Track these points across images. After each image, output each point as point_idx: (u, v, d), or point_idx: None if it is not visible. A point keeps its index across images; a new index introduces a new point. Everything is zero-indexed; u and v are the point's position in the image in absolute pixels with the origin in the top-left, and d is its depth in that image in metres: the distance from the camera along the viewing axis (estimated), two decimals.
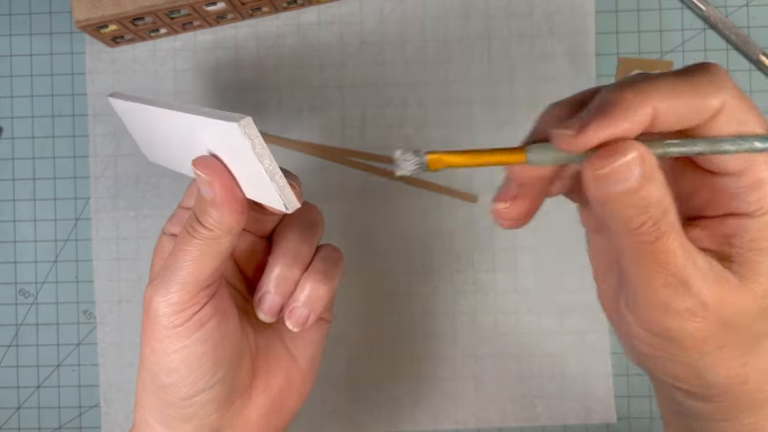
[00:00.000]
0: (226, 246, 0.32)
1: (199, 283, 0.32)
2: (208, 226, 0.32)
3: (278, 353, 0.37)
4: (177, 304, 0.32)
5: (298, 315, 0.35)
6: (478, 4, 0.50)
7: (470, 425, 0.50)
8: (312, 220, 0.37)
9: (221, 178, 0.31)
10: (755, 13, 0.50)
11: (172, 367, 0.33)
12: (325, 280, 0.35)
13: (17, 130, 0.51)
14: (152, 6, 0.44)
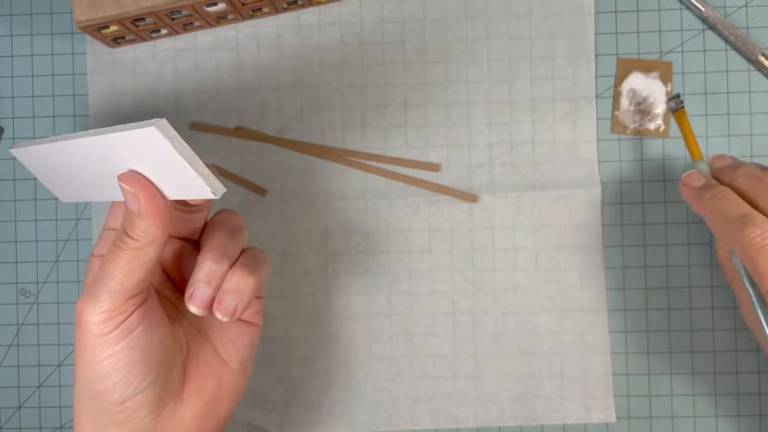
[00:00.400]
0: (152, 255, 0.35)
1: (128, 291, 0.35)
2: (135, 237, 0.34)
3: (209, 358, 0.39)
4: (106, 312, 0.34)
5: (227, 305, 0.36)
6: (478, 5, 0.50)
7: (470, 425, 0.50)
8: (236, 224, 0.39)
9: (144, 189, 0.34)
10: (754, 14, 0.50)
11: (104, 373, 0.35)
12: (251, 272, 0.37)
13: (18, 130, 0.51)
14: (153, 7, 0.45)
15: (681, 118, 0.49)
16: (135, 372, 0.35)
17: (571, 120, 0.50)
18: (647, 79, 0.50)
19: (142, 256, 0.34)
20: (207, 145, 0.51)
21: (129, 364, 0.35)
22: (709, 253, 0.50)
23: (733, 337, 0.50)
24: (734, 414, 0.50)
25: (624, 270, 0.50)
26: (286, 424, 0.51)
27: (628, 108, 0.50)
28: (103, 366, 0.35)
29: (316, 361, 0.51)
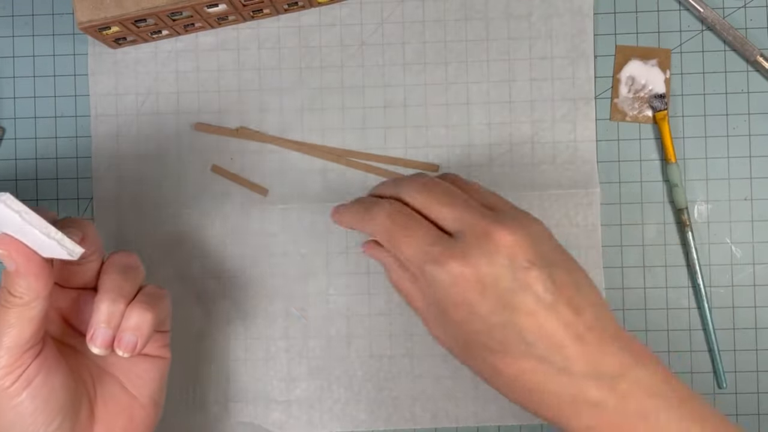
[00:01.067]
0: (38, 310, 0.36)
1: (21, 346, 0.36)
2: (18, 295, 0.36)
3: (118, 396, 0.41)
4: (4, 368, 0.36)
5: (126, 341, 0.38)
6: (478, 6, 0.50)
7: (470, 423, 0.50)
8: (130, 263, 0.41)
9: (17, 250, 0.35)
10: (753, 15, 0.50)
11: (9, 423, 0.37)
12: (149, 308, 0.39)
13: (20, 131, 0.52)
14: (154, 8, 0.45)
15: (662, 119, 0.49)
16: (40, 419, 0.37)
17: (570, 120, 0.50)
18: (646, 66, 0.50)
19: (29, 312, 0.36)
20: (208, 146, 0.51)
21: (33, 413, 0.37)
22: (708, 254, 0.50)
23: (731, 337, 0.50)
24: (733, 413, 0.50)
25: (623, 270, 0.50)
26: (286, 424, 0.51)
27: (627, 95, 0.50)
28: (8, 418, 0.37)
29: (317, 361, 0.51)
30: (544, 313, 0.36)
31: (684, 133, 0.50)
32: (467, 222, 0.38)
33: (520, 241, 0.37)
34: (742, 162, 0.50)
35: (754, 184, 0.50)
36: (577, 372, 0.36)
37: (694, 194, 0.50)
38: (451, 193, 0.39)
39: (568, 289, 0.37)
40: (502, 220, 0.37)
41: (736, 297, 0.50)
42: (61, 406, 0.38)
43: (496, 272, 0.36)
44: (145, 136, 0.51)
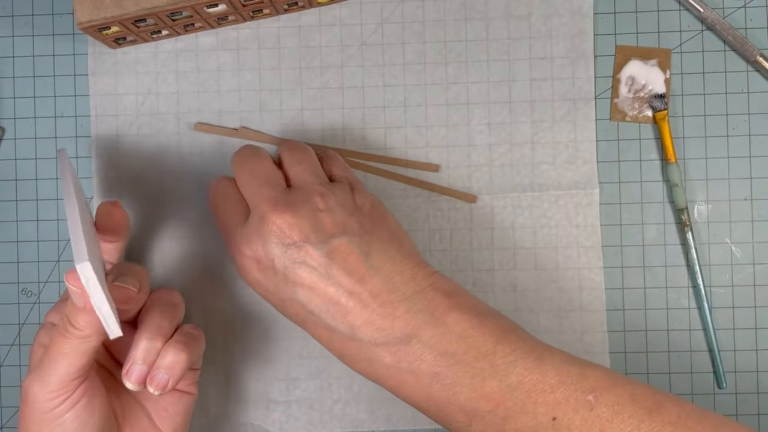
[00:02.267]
0: (94, 344, 0.38)
1: (71, 374, 0.38)
2: (79, 328, 0.37)
3: (144, 426, 0.43)
4: (53, 391, 0.38)
5: (159, 380, 0.40)
6: (477, 7, 0.50)
7: None
8: (172, 301, 0.43)
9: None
10: (753, 15, 0.50)
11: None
12: (184, 349, 0.40)
13: (20, 130, 0.52)
14: (154, 8, 0.45)
15: (662, 119, 0.49)
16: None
17: (570, 120, 0.50)
18: (646, 66, 0.50)
19: (85, 345, 0.38)
20: (208, 146, 0.51)
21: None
22: (708, 254, 0.50)
23: (732, 337, 0.50)
24: (733, 413, 0.50)
25: (623, 270, 0.50)
26: (287, 424, 0.51)
27: (626, 95, 0.50)
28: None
29: (317, 360, 0.51)
30: (322, 285, 0.39)
31: (684, 133, 0.50)
32: (253, 203, 0.42)
33: (293, 221, 0.40)
34: (742, 162, 0.50)
35: (754, 184, 0.50)
36: (365, 338, 0.39)
37: (694, 194, 0.50)
38: (246, 167, 0.43)
39: (352, 258, 0.40)
40: (281, 201, 0.41)
41: (736, 297, 0.50)
42: (98, 429, 0.40)
43: (271, 252, 0.40)
44: (145, 136, 0.51)
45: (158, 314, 0.41)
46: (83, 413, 0.39)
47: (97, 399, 0.40)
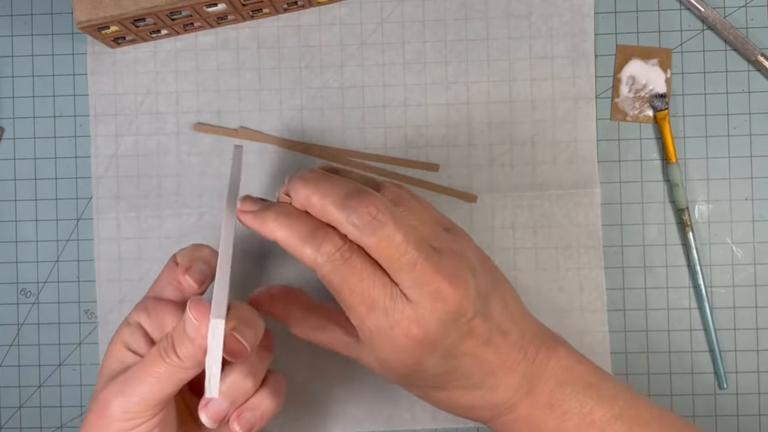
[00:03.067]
0: (190, 374, 0.36)
1: (157, 399, 0.36)
2: (182, 357, 0.35)
3: None
4: (133, 413, 0.36)
5: (246, 419, 0.38)
6: (478, 6, 0.50)
7: (470, 424, 0.50)
8: (268, 345, 0.41)
9: (206, 324, 0.34)
10: (754, 14, 0.50)
11: None
12: (276, 397, 0.39)
13: (19, 130, 0.51)
14: (153, 7, 0.45)
15: (663, 119, 0.49)
16: None
17: (570, 120, 0.50)
18: (646, 65, 0.50)
19: (181, 374, 0.36)
20: (208, 146, 0.51)
21: None
22: (709, 254, 0.50)
23: (732, 337, 0.50)
24: (734, 414, 0.50)
25: (623, 270, 0.50)
26: (286, 424, 0.51)
27: (627, 95, 0.50)
28: None
29: (317, 361, 0.51)
30: (482, 350, 0.38)
31: (685, 133, 0.50)
32: (420, 279, 0.36)
33: (465, 295, 0.36)
34: (742, 162, 0.50)
35: (755, 184, 0.50)
36: (501, 386, 0.39)
37: (694, 194, 0.50)
38: (410, 239, 0.36)
39: (500, 317, 0.39)
40: (450, 271, 0.36)
41: (737, 297, 0.50)
42: None
43: (447, 331, 0.37)
44: (144, 136, 0.51)
45: (256, 354, 0.39)
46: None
47: (168, 430, 0.38)
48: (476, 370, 0.38)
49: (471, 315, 0.37)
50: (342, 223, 0.36)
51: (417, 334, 0.36)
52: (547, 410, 0.39)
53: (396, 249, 0.35)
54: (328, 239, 0.36)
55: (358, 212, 0.35)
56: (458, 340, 0.37)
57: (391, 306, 0.36)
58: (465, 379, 0.38)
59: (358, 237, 0.36)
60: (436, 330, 0.36)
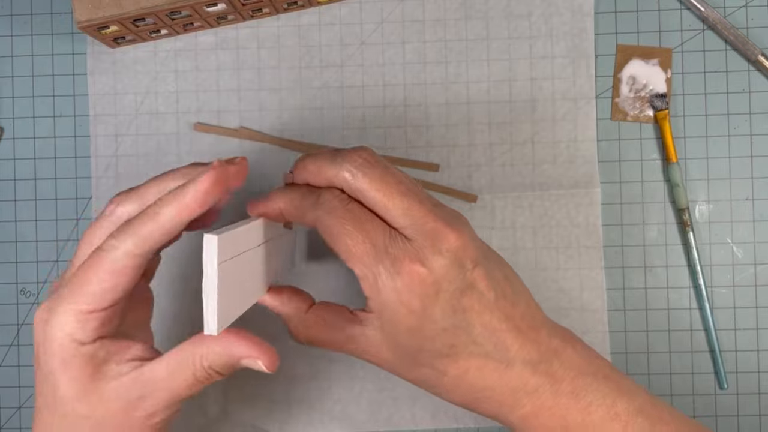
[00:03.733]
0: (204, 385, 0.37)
1: (175, 405, 0.36)
2: (218, 370, 0.37)
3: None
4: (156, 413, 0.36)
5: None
6: (478, 6, 0.50)
7: (470, 424, 0.50)
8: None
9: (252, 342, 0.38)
10: (754, 14, 0.50)
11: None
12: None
13: (18, 130, 0.51)
14: (153, 7, 0.45)
15: (663, 119, 0.49)
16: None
17: (571, 120, 0.50)
18: (647, 65, 0.50)
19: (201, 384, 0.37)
20: (208, 146, 0.51)
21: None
22: (709, 254, 0.50)
23: (733, 337, 0.50)
24: (734, 414, 0.50)
25: (623, 270, 0.50)
26: (287, 424, 0.51)
27: (627, 95, 0.50)
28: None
29: (317, 361, 0.51)
30: (489, 310, 0.37)
31: (685, 133, 0.50)
32: (417, 218, 0.36)
33: (466, 241, 0.37)
34: (743, 162, 0.50)
35: (755, 184, 0.50)
36: (517, 362, 0.37)
37: (695, 194, 0.50)
38: (401, 180, 0.37)
39: (503, 283, 0.38)
40: (447, 219, 0.37)
41: (737, 297, 0.50)
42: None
43: (449, 274, 0.36)
44: (144, 136, 0.51)
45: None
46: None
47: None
48: (486, 335, 0.37)
49: (471, 265, 0.37)
50: (337, 175, 0.37)
51: (420, 272, 0.36)
52: (572, 400, 0.37)
53: (389, 187, 0.36)
54: (326, 191, 0.37)
55: (350, 159, 0.37)
56: (462, 290, 0.36)
57: (392, 244, 0.36)
58: (475, 345, 0.37)
59: (353, 183, 0.37)
60: (438, 268, 0.36)
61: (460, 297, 0.36)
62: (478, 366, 0.37)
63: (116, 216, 0.37)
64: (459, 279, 0.36)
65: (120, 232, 0.34)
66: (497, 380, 0.38)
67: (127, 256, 0.34)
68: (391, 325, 0.37)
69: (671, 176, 0.49)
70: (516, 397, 0.38)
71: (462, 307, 0.37)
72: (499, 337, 0.37)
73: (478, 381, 0.38)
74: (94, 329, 0.34)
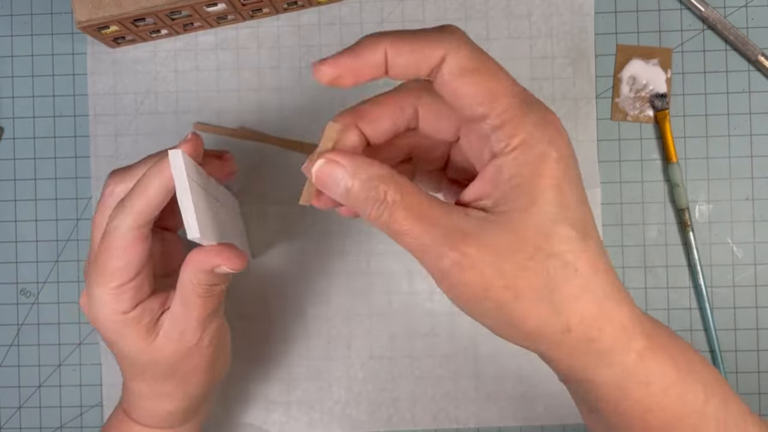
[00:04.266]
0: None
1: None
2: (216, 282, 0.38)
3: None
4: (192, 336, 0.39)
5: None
6: (478, 5, 0.50)
7: (470, 425, 0.50)
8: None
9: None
10: (754, 14, 0.50)
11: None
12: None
13: (18, 130, 0.51)
14: (153, 7, 0.45)
15: (663, 119, 0.49)
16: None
17: (571, 120, 0.50)
18: (647, 65, 0.50)
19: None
20: (208, 145, 0.51)
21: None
22: (709, 254, 0.50)
23: (733, 337, 0.50)
24: None
25: (624, 270, 0.50)
26: (287, 425, 0.51)
27: (628, 95, 0.50)
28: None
29: (317, 362, 0.50)
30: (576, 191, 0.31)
31: (685, 133, 0.50)
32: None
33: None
34: (743, 162, 0.50)
35: (755, 184, 0.50)
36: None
37: (695, 194, 0.50)
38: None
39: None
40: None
41: (737, 297, 0.50)
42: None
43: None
44: (144, 136, 0.51)
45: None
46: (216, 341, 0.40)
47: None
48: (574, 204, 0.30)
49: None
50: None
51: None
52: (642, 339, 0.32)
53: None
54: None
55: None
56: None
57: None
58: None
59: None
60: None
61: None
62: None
63: (115, 196, 0.39)
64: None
65: (118, 212, 0.37)
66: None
67: (130, 232, 0.36)
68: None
69: (671, 176, 0.49)
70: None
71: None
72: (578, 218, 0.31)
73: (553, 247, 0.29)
74: (131, 298, 0.37)
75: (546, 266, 0.29)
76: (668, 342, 0.32)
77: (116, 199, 0.39)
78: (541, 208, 0.29)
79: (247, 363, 0.51)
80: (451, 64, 0.29)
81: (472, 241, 0.28)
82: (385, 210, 0.30)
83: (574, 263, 0.29)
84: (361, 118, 0.34)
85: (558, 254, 0.29)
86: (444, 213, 0.29)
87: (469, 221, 0.29)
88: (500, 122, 0.30)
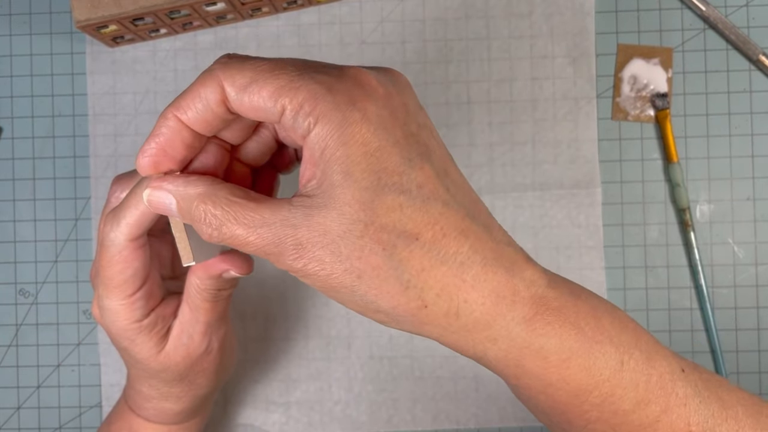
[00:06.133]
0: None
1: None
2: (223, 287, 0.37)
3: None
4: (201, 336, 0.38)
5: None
6: (478, 5, 0.50)
7: (470, 425, 0.50)
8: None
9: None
10: (755, 14, 0.50)
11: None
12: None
13: (17, 130, 0.51)
14: (152, 6, 0.44)
15: (664, 118, 0.49)
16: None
17: (571, 120, 0.50)
18: (648, 65, 0.50)
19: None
20: None
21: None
22: (710, 254, 0.50)
23: (734, 337, 0.50)
24: None
25: (624, 270, 0.50)
26: (286, 425, 0.50)
27: (628, 94, 0.50)
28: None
29: (317, 362, 0.50)
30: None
31: (686, 133, 0.50)
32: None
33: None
34: (744, 162, 0.50)
35: (756, 184, 0.50)
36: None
37: (696, 194, 0.50)
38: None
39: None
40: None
41: (738, 298, 0.50)
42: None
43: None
44: (143, 136, 0.51)
45: None
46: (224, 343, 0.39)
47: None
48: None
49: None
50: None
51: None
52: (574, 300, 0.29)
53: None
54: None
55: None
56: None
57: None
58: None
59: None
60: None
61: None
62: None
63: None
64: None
65: (114, 224, 0.35)
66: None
67: (127, 246, 0.35)
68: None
69: (672, 176, 0.49)
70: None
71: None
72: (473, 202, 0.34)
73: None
74: (143, 306, 0.36)
75: (380, 240, 0.27)
76: (572, 306, 0.29)
77: None
78: (356, 179, 0.27)
79: (247, 363, 0.50)
80: (230, 90, 0.29)
81: (303, 231, 0.27)
82: (213, 229, 0.29)
83: (413, 232, 0.27)
84: (166, 150, 0.31)
85: (389, 225, 0.27)
86: (271, 211, 0.28)
87: (295, 212, 0.28)
88: (297, 107, 0.28)
